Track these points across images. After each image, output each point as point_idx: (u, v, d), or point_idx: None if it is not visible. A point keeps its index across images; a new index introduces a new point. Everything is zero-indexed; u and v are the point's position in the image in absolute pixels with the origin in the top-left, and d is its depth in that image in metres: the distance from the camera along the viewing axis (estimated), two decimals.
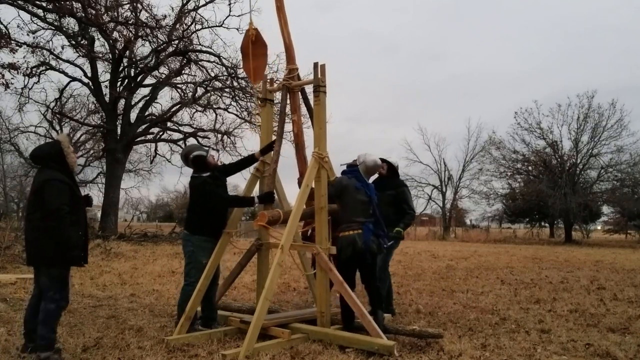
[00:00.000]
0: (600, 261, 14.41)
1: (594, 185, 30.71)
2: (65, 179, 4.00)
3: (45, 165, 4.08)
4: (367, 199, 4.93)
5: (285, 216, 4.84)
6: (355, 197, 4.89)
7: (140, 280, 8.60)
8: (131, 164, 28.26)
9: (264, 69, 5.79)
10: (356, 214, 4.85)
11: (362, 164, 5.10)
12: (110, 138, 20.10)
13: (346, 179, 5.01)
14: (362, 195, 4.91)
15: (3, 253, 10.50)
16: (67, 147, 4.12)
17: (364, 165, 5.09)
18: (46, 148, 4.25)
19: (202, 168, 5.07)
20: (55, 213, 3.82)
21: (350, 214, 4.86)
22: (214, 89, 20.84)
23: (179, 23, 19.14)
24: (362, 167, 5.08)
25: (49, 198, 3.85)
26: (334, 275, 4.69)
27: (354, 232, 4.78)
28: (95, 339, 4.56)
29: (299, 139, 5.60)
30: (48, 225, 3.84)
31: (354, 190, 4.90)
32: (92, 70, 19.70)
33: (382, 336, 4.31)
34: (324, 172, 4.99)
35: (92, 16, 15.38)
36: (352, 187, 4.91)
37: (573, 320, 5.76)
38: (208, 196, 4.97)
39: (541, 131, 30.25)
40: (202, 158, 5.09)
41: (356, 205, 4.88)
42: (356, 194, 4.89)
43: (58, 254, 3.88)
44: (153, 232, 21.44)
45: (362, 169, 5.08)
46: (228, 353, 3.95)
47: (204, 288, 5.01)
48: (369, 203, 4.93)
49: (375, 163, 5.17)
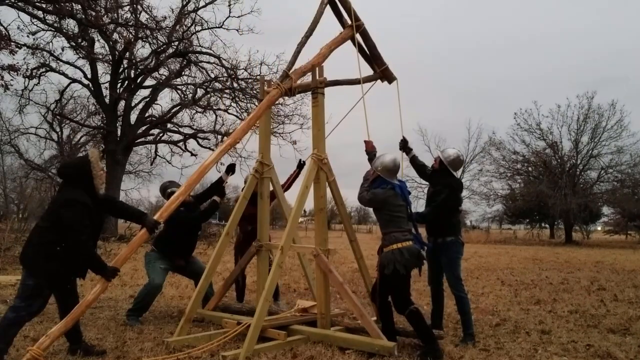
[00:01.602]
0: (601, 262, 14.40)
1: (594, 186, 30.72)
2: (88, 201, 3.88)
3: (70, 183, 3.98)
4: (405, 203, 4.56)
5: None
6: (397, 203, 4.49)
7: (141, 281, 8.60)
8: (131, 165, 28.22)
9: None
10: (405, 222, 4.48)
11: (382, 166, 4.60)
12: (110, 139, 20.09)
13: (382, 191, 4.52)
14: (400, 201, 4.53)
15: (3, 254, 10.50)
16: (96, 167, 3.99)
17: (385, 167, 4.60)
18: (73, 167, 4.14)
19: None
20: (71, 236, 3.75)
21: (402, 223, 4.45)
22: (214, 90, 20.84)
23: (179, 24, 19.14)
24: (384, 170, 4.59)
25: (67, 220, 3.75)
26: (334, 277, 4.69)
27: (411, 242, 4.38)
28: (95, 340, 4.55)
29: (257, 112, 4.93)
30: (54, 239, 3.78)
31: (394, 197, 4.49)
32: (92, 71, 19.71)
33: (382, 337, 4.30)
34: (323, 173, 4.99)
35: (92, 18, 15.40)
36: (392, 195, 4.49)
37: (573, 321, 5.76)
38: (185, 223, 5.72)
39: (541, 132, 30.31)
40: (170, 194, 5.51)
41: (401, 212, 4.49)
42: (397, 201, 4.50)
43: (41, 265, 3.76)
44: None
45: (384, 172, 4.58)
46: (228, 354, 3.95)
47: (204, 290, 5.08)
48: (407, 207, 4.58)
49: (395, 161, 4.65)
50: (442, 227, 4.92)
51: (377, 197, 4.52)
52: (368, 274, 5.43)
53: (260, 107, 4.90)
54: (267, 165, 5.48)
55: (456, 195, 5.03)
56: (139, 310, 5.49)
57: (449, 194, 4.91)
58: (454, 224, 4.96)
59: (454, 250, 4.88)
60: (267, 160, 5.50)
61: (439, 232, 4.94)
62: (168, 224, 5.25)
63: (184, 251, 5.88)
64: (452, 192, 4.95)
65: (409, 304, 4.30)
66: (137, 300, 5.51)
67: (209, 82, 20.61)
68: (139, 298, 5.53)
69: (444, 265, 4.90)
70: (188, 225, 5.79)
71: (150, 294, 5.55)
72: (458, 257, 4.92)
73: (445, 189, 4.91)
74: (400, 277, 4.30)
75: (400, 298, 4.34)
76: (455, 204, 5.00)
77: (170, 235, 5.71)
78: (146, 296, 5.52)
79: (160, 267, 5.67)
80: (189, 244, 5.93)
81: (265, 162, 5.48)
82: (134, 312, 5.44)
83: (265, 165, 5.47)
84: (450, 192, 4.93)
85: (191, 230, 5.88)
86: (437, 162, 5.15)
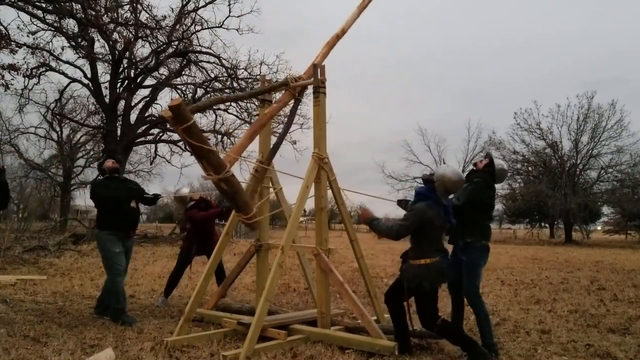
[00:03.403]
0: (601, 262, 14.40)
1: (594, 185, 30.77)
2: None
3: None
4: (446, 224, 4.30)
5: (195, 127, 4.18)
6: (438, 225, 4.22)
7: (140, 281, 8.60)
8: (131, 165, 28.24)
9: None
10: (438, 239, 4.28)
11: (442, 180, 4.18)
12: (110, 139, 20.08)
13: (428, 208, 4.16)
14: (442, 221, 4.24)
15: (3, 254, 10.50)
16: None
17: (444, 183, 4.18)
18: None
19: (102, 173, 5.90)
20: None
21: (434, 242, 4.23)
22: (213, 89, 20.84)
23: (179, 24, 19.13)
24: (441, 186, 4.19)
25: None
26: (334, 276, 4.69)
27: (438, 258, 4.15)
28: (95, 340, 4.55)
29: (264, 117, 5.13)
30: None
31: (438, 218, 4.19)
32: (92, 71, 19.69)
33: (382, 337, 4.31)
34: (324, 173, 4.99)
35: (92, 17, 15.39)
36: (436, 216, 4.18)
37: (573, 321, 5.76)
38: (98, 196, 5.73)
39: (541, 132, 30.34)
40: (100, 164, 6.05)
41: (439, 233, 4.29)
42: (439, 222, 4.21)
43: None
44: (153, 233, 21.42)
45: (440, 187, 4.19)
46: (229, 354, 3.95)
47: (204, 289, 5.08)
48: (445, 226, 4.33)
49: (460, 178, 4.24)
50: (465, 227, 4.49)
51: (425, 214, 4.14)
52: (368, 274, 5.43)
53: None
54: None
55: (486, 192, 4.57)
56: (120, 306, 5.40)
57: (478, 183, 4.51)
58: (479, 225, 4.50)
59: (474, 254, 4.45)
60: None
61: (461, 233, 4.53)
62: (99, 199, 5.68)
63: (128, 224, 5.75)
64: (482, 185, 4.54)
65: (435, 318, 4.12)
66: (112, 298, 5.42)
67: (209, 82, 20.61)
68: (112, 295, 5.42)
69: (463, 269, 4.49)
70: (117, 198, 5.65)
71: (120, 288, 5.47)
72: (478, 264, 4.48)
73: (476, 180, 4.55)
74: (425, 294, 4.12)
75: (426, 314, 4.16)
76: (481, 199, 4.51)
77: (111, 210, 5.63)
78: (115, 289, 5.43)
79: (116, 252, 5.54)
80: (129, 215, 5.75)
81: None
82: (119, 312, 5.35)
83: None
84: (480, 184, 4.52)
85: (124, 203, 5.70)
86: (484, 161, 4.73)
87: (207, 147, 4.16)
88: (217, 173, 4.25)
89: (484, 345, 4.32)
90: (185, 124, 3.97)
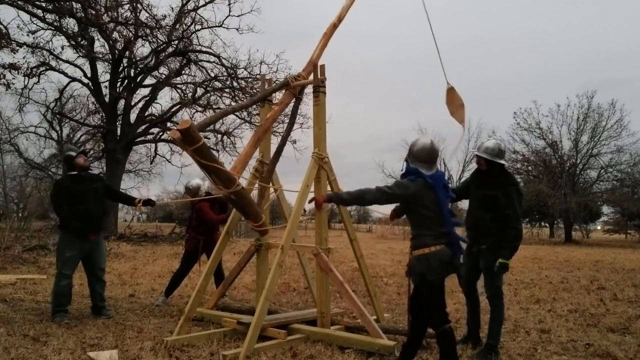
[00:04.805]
0: (600, 261, 14.41)
1: (594, 185, 30.78)
2: None
3: None
4: (443, 201, 3.69)
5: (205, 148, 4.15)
6: (432, 204, 3.64)
7: (140, 280, 8.60)
8: (131, 164, 28.27)
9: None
10: (441, 222, 3.65)
11: (410, 155, 3.76)
12: (110, 138, 20.09)
13: (411, 184, 3.66)
14: (437, 198, 3.67)
15: (3, 253, 10.50)
16: None
17: (413, 155, 3.73)
18: None
19: (70, 167, 5.56)
20: None
21: (432, 223, 3.64)
22: (213, 89, 20.84)
23: (179, 23, 19.12)
24: (412, 159, 3.75)
25: None
26: (334, 276, 4.69)
27: (443, 246, 3.61)
28: (95, 339, 4.55)
29: (267, 123, 5.19)
30: None
31: (426, 192, 3.63)
32: (92, 70, 19.69)
33: (382, 336, 4.31)
34: (324, 172, 4.99)
35: (92, 16, 15.38)
36: (424, 193, 3.64)
37: (573, 320, 5.76)
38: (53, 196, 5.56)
39: (541, 131, 30.34)
40: (69, 158, 5.55)
41: (438, 214, 3.64)
42: (429, 196, 3.64)
43: None
44: (153, 232, 21.44)
45: (414, 160, 3.73)
46: (228, 353, 3.95)
47: (204, 289, 5.10)
48: (444, 203, 3.70)
49: (424, 146, 3.71)
50: (487, 229, 4.31)
51: (405, 192, 3.66)
52: (368, 273, 5.43)
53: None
54: (267, 164, 5.48)
55: (520, 191, 4.41)
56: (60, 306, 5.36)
57: (518, 190, 4.32)
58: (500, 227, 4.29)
59: (494, 256, 4.26)
60: (267, 160, 5.50)
61: (480, 235, 4.39)
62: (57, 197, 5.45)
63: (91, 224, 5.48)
64: (517, 187, 4.35)
65: (443, 320, 3.61)
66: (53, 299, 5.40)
67: (209, 81, 20.61)
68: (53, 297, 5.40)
69: (483, 272, 4.37)
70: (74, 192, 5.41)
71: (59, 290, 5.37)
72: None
73: (510, 187, 4.28)
74: (431, 288, 3.60)
75: (432, 311, 3.64)
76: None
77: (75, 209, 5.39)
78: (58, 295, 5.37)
79: (68, 256, 5.39)
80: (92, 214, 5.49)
81: (266, 162, 5.48)
82: (56, 312, 5.32)
83: (265, 164, 5.47)
84: (517, 188, 4.33)
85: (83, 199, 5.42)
86: (483, 163, 4.45)
87: (217, 165, 4.19)
88: (227, 187, 4.33)
89: (487, 344, 4.31)
90: (195, 145, 3.97)
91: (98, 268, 5.70)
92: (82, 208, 5.40)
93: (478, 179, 4.57)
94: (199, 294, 4.99)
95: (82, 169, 5.54)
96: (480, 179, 4.54)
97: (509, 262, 4.26)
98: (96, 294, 5.66)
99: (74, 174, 5.51)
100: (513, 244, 4.27)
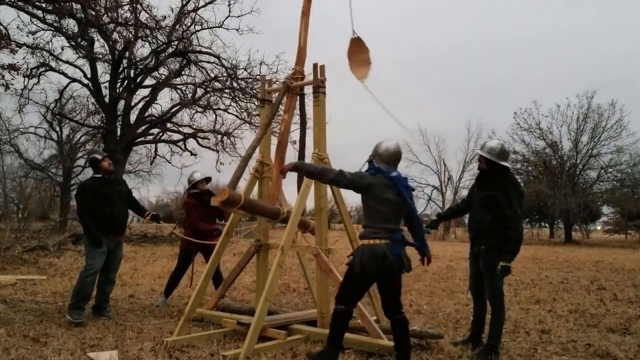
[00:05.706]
0: (600, 261, 14.42)
1: (594, 185, 30.80)
2: None
3: None
4: (398, 199, 3.84)
5: (246, 201, 4.50)
6: (382, 196, 3.80)
7: (140, 281, 8.60)
8: (131, 165, 28.25)
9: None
10: (386, 219, 3.80)
11: (375, 155, 4.02)
12: (110, 139, 20.08)
13: (370, 176, 3.90)
14: (391, 194, 3.82)
15: (3, 254, 10.50)
16: None
17: (379, 155, 3.99)
18: None
19: (96, 170, 5.68)
20: None
21: (378, 218, 3.80)
22: (213, 89, 20.84)
23: (179, 24, 19.13)
24: (378, 161, 3.99)
25: None
26: (334, 277, 4.69)
27: (382, 241, 3.73)
28: (95, 340, 4.55)
29: (283, 138, 5.33)
30: None
31: (383, 188, 3.82)
32: (92, 71, 19.69)
33: (382, 337, 4.30)
34: None
35: (92, 17, 15.38)
36: (378, 185, 3.83)
37: (573, 321, 5.76)
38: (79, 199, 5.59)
39: (541, 131, 30.36)
40: (95, 161, 5.65)
41: (385, 207, 3.80)
42: (384, 193, 3.81)
43: None
44: (153, 233, 21.42)
45: (377, 162, 4.00)
46: (228, 354, 3.95)
47: (204, 289, 5.09)
48: (402, 204, 3.87)
49: (388, 148, 3.96)
50: (487, 230, 4.31)
51: (361, 181, 3.88)
52: None
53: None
54: (267, 164, 5.48)
55: (521, 192, 4.42)
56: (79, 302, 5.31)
57: (519, 191, 4.34)
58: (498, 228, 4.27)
59: (493, 256, 4.25)
60: (267, 160, 5.50)
61: (480, 236, 4.40)
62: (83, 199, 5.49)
63: (115, 226, 5.62)
64: (518, 188, 4.38)
65: (342, 302, 3.84)
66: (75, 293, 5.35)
67: (209, 82, 20.61)
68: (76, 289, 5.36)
69: (483, 273, 4.37)
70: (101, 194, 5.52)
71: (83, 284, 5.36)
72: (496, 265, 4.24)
73: (510, 188, 4.27)
74: (353, 275, 3.81)
75: (341, 289, 3.93)
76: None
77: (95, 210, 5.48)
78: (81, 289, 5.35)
79: (98, 251, 5.45)
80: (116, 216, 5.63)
81: (266, 162, 5.48)
82: (74, 308, 5.25)
83: (265, 165, 5.47)
84: (518, 189, 4.35)
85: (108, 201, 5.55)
86: (483, 162, 4.42)
87: (262, 211, 4.77)
88: (275, 219, 4.87)
89: (487, 345, 4.27)
90: (238, 205, 4.43)
91: (113, 269, 5.76)
92: (108, 210, 5.52)
93: (479, 180, 4.56)
94: (199, 294, 4.99)
95: (107, 172, 5.67)
96: (481, 180, 4.51)
97: (510, 265, 4.22)
98: (103, 295, 5.68)
99: (100, 177, 5.65)
100: (514, 246, 4.24)
